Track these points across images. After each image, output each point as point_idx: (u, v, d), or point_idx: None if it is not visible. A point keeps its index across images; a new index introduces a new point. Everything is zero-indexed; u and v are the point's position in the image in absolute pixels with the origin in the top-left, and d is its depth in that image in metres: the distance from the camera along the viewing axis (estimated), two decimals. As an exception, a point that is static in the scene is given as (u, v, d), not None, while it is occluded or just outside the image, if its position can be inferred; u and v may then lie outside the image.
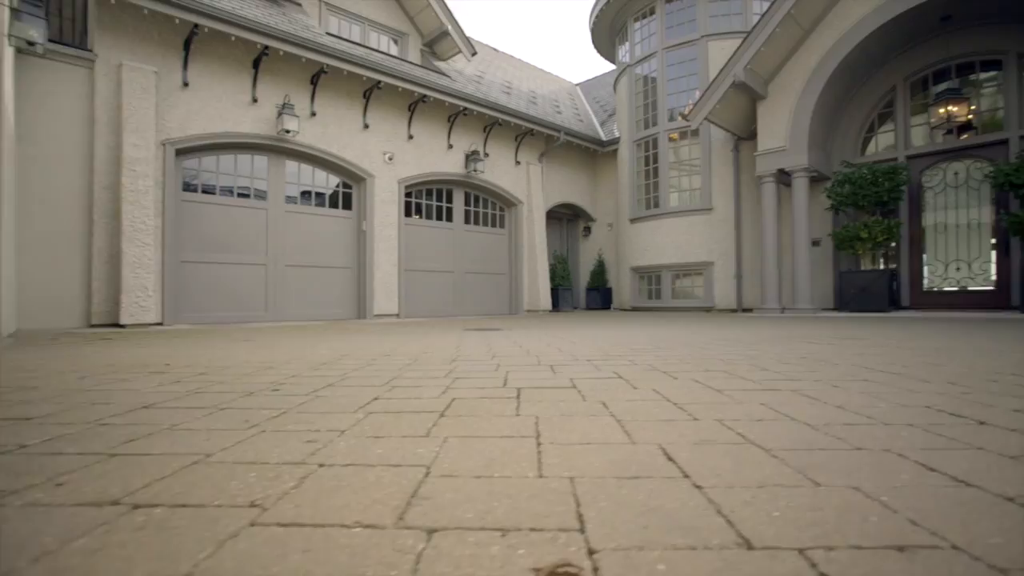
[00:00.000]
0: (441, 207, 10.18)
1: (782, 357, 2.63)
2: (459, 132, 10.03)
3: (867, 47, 8.01)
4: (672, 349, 3.14)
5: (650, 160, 10.96)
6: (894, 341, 3.50)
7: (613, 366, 2.38)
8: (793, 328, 5.11)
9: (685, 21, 10.42)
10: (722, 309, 9.95)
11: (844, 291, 8.42)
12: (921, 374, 2.03)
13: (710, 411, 1.39)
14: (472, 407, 1.50)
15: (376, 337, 4.67)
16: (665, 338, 4.02)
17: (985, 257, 8.02)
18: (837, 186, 8.24)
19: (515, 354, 2.98)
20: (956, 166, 8.26)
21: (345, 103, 8.58)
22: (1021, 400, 1.51)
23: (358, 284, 8.96)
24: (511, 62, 15.15)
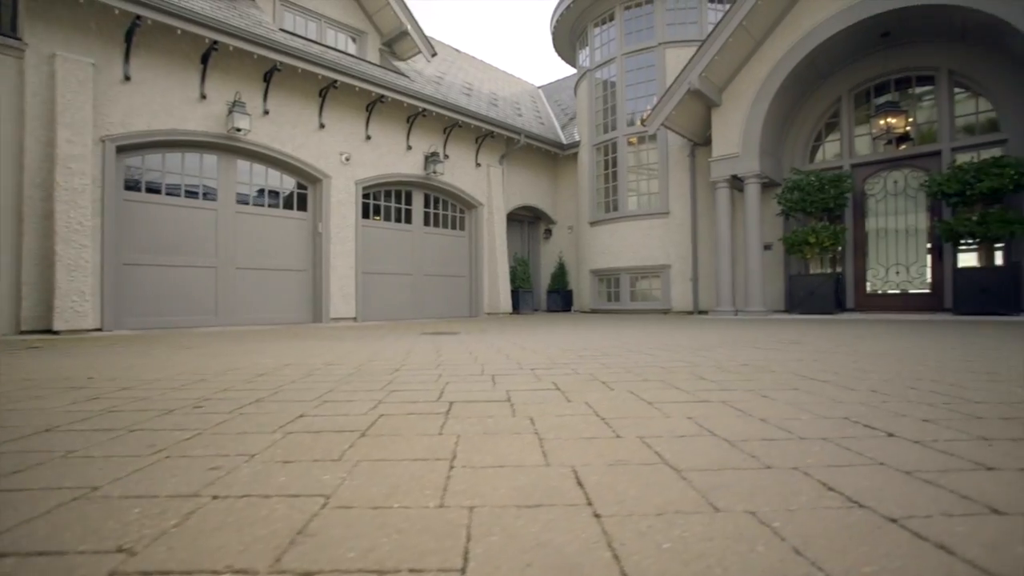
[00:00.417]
0: (400, 209, 10.05)
1: (723, 364, 2.68)
2: (418, 133, 9.92)
3: (814, 59, 8.31)
4: (619, 356, 3.16)
5: (609, 164, 11.10)
6: (832, 346, 3.62)
7: (554, 376, 2.37)
8: (742, 331, 5.24)
9: (643, 28, 10.60)
10: (679, 311, 10.15)
11: (794, 294, 8.71)
12: (849, 382, 2.09)
13: (635, 427, 1.39)
14: (397, 425, 1.46)
15: (327, 343, 4.55)
16: (615, 344, 4.06)
17: (922, 262, 8.42)
18: (787, 192, 8.52)
19: (461, 362, 2.95)
20: (895, 175, 8.66)
21: (300, 102, 8.36)
22: (932, 409, 1.56)
23: (314, 287, 8.75)
24: (473, 63, 15.09)
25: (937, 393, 1.82)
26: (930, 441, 1.22)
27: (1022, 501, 0.86)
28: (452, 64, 13.46)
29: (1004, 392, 1.83)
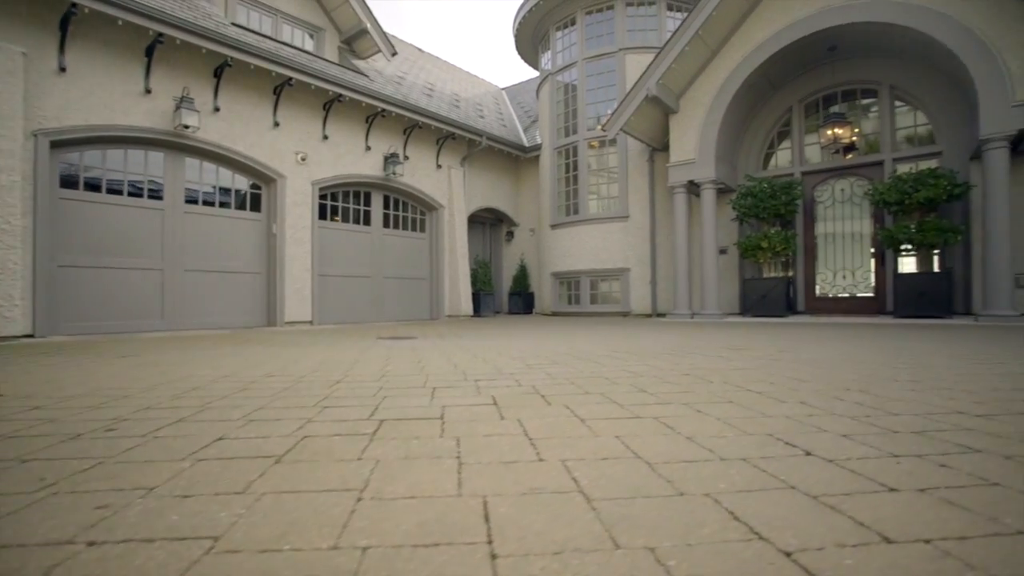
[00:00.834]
0: (359, 210, 9.86)
1: (666, 375, 2.70)
2: (378, 134, 9.76)
3: (767, 70, 8.56)
4: (566, 365, 3.16)
5: (570, 167, 11.18)
6: (776, 352, 3.71)
7: (496, 388, 2.34)
8: (694, 336, 5.34)
9: (604, 34, 10.71)
10: (638, 313, 10.29)
11: (748, 297, 8.95)
12: (782, 393, 2.13)
13: (561, 449, 1.38)
14: (317, 449, 1.40)
15: (275, 350, 4.41)
16: (566, 351, 4.06)
17: (867, 266, 8.78)
18: (741, 198, 8.75)
19: (407, 373, 2.89)
20: (842, 183, 9.00)
21: (253, 99, 8.11)
22: (853, 422, 1.60)
23: (268, 290, 8.50)
24: (436, 63, 14.97)
25: (861, 405, 1.87)
26: (843, 460, 1.24)
27: (912, 527, 0.88)
28: (414, 64, 13.32)
29: (921, 402, 1.90)
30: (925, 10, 6.91)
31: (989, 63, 6.49)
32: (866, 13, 7.33)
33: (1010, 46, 6.38)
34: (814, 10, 7.73)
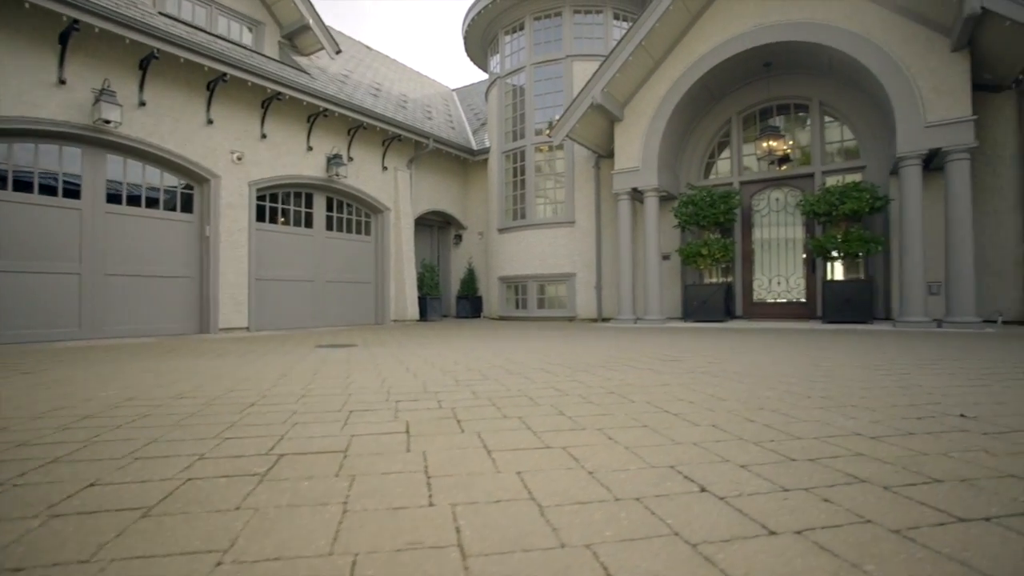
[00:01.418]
0: (300, 212, 9.54)
1: (591, 393, 2.71)
2: (320, 134, 9.47)
3: (707, 82, 8.82)
4: (496, 380, 3.12)
5: (518, 172, 11.19)
6: (705, 363, 3.80)
7: (415, 410, 2.27)
8: (632, 344, 5.42)
9: (552, 40, 10.78)
10: (584, 318, 10.41)
11: (688, 302, 9.20)
12: (699, 413, 2.16)
13: (456, 490, 1.33)
14: (197, 495, 1.30)
15: (200, 363, 4.17)
16: (500, 363, 4.03)
17: (799, 273, 9.19)
18: (682, 206, 8.98)
19: (330, 392, 2.77)
20: (777, 193, 9.39)
21: (184, 94, 7.70)
22: (757, 449, 1.63)
23: (200, 295, 8.09)
24: (384, 62, 14.70)
25: (769, 427, 1.92)
26: (734, 496, 1.25)
27: (780, 582, 0.87)
28: (361, 62, 13.02)
29: (826, 423, 1.96)
30: (849, 33, 7.29)
31: (904, 86, 6.91)
32: (795, 33, 7.66)
33: (922, 72, 6.81)
34: (749, 27, 8.02)
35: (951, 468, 1.45)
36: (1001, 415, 2.12)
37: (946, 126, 6.66)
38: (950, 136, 6.64)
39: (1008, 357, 3.95)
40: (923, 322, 6.85)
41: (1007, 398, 2.44)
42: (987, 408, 2.24)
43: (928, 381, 2.92)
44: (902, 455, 1.57)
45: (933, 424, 1.96)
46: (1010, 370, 3.32)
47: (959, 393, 2.56)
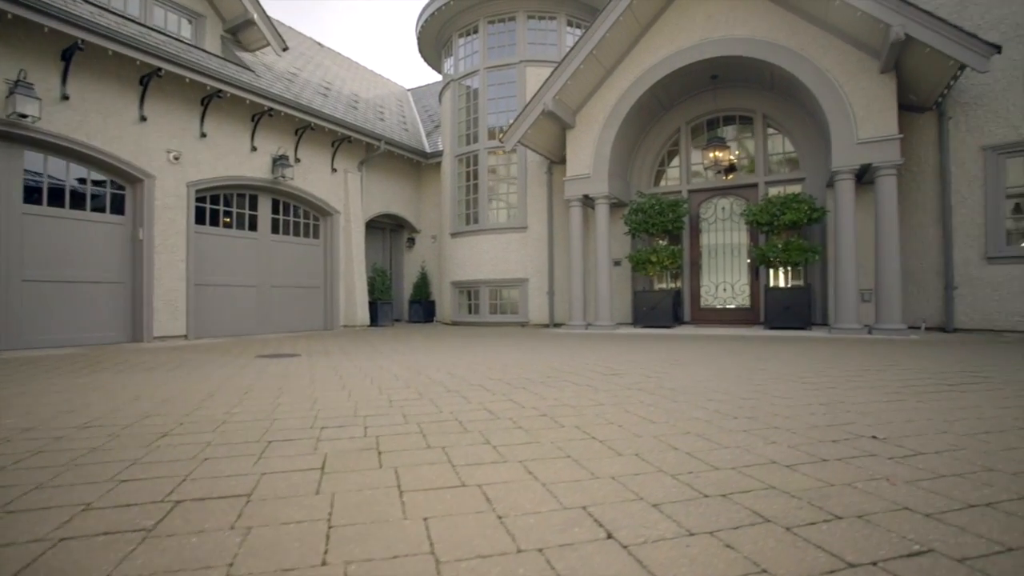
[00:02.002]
0: (244, 215, 9.18)
1: (523, 415, 2.68)
2: (265, 133, 9.14)
3: (656, 92, 8.99)
4: (431, 399, 3.06)
5: (471, 176, 11.13)
6: (644, 378, 3.84)
7: (338, 441, 2.19)
8: (577, 355, 5.44)
9: (506, 44, 10.76)
10: (536, 323, 10.44)
11: (638, 308, 9.35)
12: (625, 441, 2.16)
13: (356, 542, 1.26)
14: (58, 566, 1.19)
15: (124, 379, 3.92)
16: (442, 377, 3.96)
17: (744, 280, 9.48)
18: (632, 214, 9.12)
19: (255, 417, 2.64)
20: (723, 202, 9.66)
21: (114, 89, 7.27)
22: (674, 484, 1.63)
23: (133, 302, 7.67)
24: (336, 60, 14.34)
25: (691, 456, 1.93)
26: (638, 544, 1.23)
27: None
28: (311, 59, 12.66)
29: (746, 450, 1.99)
30: (789, 51, 7.57)
31: (839, 104, 7.23)
32: (739, 48, 7.90)
33: (854, 91, 7.14)
34: (696, 41, 8.22)
35: (853, 502, 1.48)
36: (908, 435, 2.21)
37: (876, 143, 7.00)
38: (879, 153, 6.99)
39: (926, 367, 4.16)
40: (855, 329, 7.17)
41: (917, 415, 2.55)
42: (897, 427, 2.33)
43: (850, 396, 3.03)
44: (811, 487, 1.60)
45: (847, 448, 2.02)
46: (925, 382, 3.49)
47: (876, 410, 2.67)
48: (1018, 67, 6.89)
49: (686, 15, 8.35)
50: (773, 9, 7.74)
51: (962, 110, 7.32)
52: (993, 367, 4.17)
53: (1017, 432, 2.24)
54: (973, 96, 7.21)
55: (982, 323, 7.17)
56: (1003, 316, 7.02)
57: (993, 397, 3.01)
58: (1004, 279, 7.00)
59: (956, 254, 7.37)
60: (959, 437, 2.18)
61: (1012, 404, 2.85)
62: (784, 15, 7.68)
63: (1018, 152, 6.98)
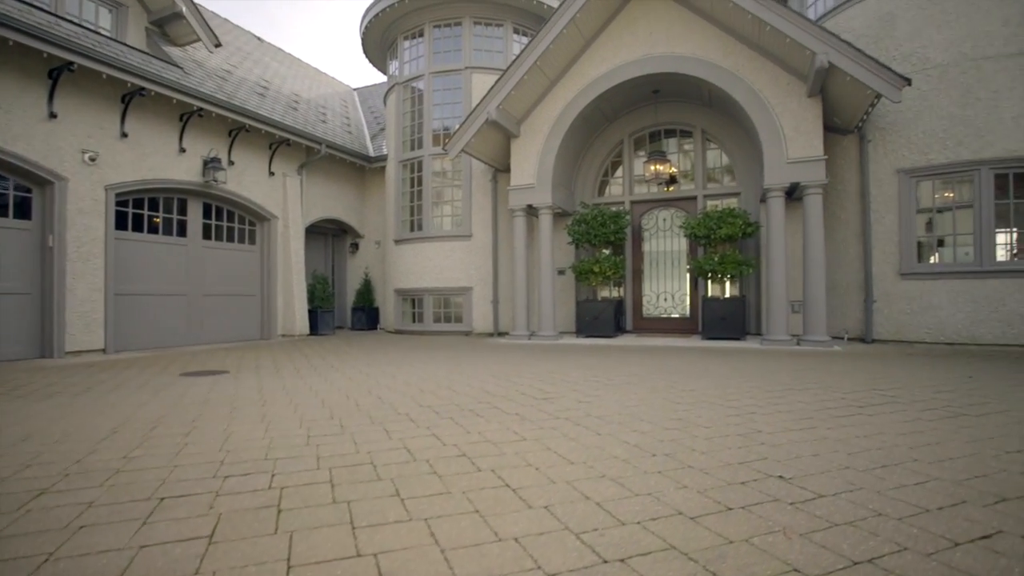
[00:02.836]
0: (172, 220, 8.67)
1: (440, 456, 2.62)
2: (196, 134, 8.67)
3: (600, 105, 9.10)
4: (354, 434, 2.94)
5: (415, 182, 10.95)
6: (575, 403, 3.84)
7: (239, 494, 2.05)
8: (515, 370, 5.40)
9: (452, 50, 10.64)
10: (480, 332, 10.38)
11: (581, 318, 9.44)
12: (539, 488, 2.13)
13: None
14: None
15: (15, 407, 3.59)
16: (371, 404, 3.84)
17: (684, 290, 9.74)
18: (575, 225, 9.21)
19: (157, 458, 2.46)
20: (664, 213, 9.89)
21: (18, 83, 6.71)
22: (575, 546, 1.60)
23: (42, 314, 7.11)
24: (276, 56, 13.79)
25: (600, 507, 1.91)
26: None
27: None
28: (248, 56, 12.12)
29: (657, 498, 1.99)
30: (725, 71, 7.82)
31: (771, 124, 7.52)
32: (679, 66, 8.10)
33: (784, 112, 7.46)
34: (638, 56, 8.37)
35: (744, 564, 1.50)
36: (812, 472, 2.29)
37: (804, 163, 7.33)
38: (807, 173, 7.32)
39: (842, 385, 4.36)
40: (785, 341, 7.48)
41: (824, 447, 2.65)
42: (805, 463, 2.41)
43: (768, 423, 3.13)
44: (710, 545, 1.61)
45: (753, 492, 2.06)
46: (838, 403, 3.65)
47: (789, 441, 2.75)
48: (927, 98, 7.38)
49: (629, 30, 8.49)
50: (711, 29, 7.98)
51: (880, 134, 7.77)
52: (900, 387, 4.42)
53: (910, 465, 2.35)
54: (889, 122, 7.66)
55: (896, 334, 7.64)
56: (913, 328, 7.50)
57: (895, 421, 3.18)
58: (915, 294, 7.49)
59: (875, 269, 7.82)
60: (858, 474, 2.27)
61: (910, 430, 3.01)
62: (721, 36, 7.92)
63: (927, 176, 7.48)
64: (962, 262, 7.37)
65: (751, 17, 7.10)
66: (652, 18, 8.34)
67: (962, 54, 7.21)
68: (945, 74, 7.31)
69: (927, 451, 2.61)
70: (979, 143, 7.10)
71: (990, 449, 2.66)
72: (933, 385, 4.49)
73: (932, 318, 7.38)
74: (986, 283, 7.10)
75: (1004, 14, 7.01)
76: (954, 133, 7.24)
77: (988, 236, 7.13)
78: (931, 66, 7.39)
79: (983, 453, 2.59)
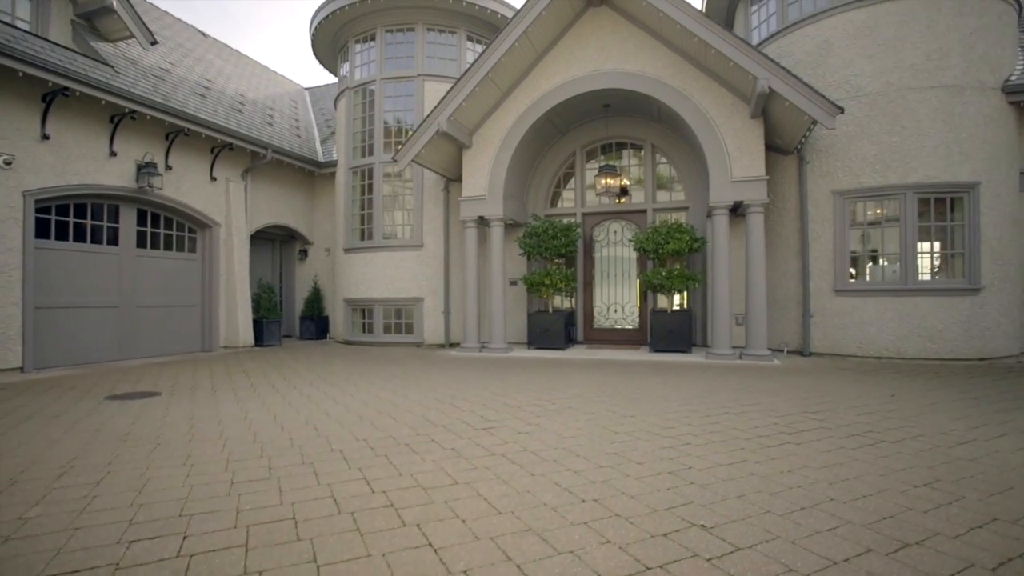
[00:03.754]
0: (102, 227, 8.18)
1: (367, 505, 2.55)
2: (129, 137, 8.21)
3: (552, 117, 9.14)
4: (285, 478, 2.82)
5: (366, 190, 10.72)
6: (515, 433, 3.83)
7: (143, 563, 1.93)
8: (461, 393, 5.34)
9: (404, 56, 10.46)
10: (432, 344, 10.26)
11: (532, 329, 9.46)
12: (461, 546, 2.09)
13: None
14: None
15: None
16: (307, 437, 3.71)
17: (634, 302, 9.90)
18: (526, 237, 9.22)
19: (61, 516, 2.28)
20: (615, 225, 10.03)
21: (-77, 81, 6.17)
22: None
23: (-49, 329, 6.56)
24: (221, 53, 13.23)
25: (522, 573, 1.89)
26: None
27: None
28: (190, 52, 11.57)
29: (574, 561, 1.98)
30: (674, 90, 7.98)
31: (716, 143, 7.73)
32: (629, 83, 8.22)
33: (729, 132, 7.68)
34: (589, 71, 8.44)
35: (654, 644, 1.50)
36: (734, 519, 2.33)
37: (747, 183, 7.57)
38: (750, 192, 7.56)
39: (776, 407, 4.50)
40: (728, 355, 7.70)
41: (749, 486, 2.71)
42: (728, 507, 2.46)
43: (700, 457, 3.18)
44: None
45: (673, 547, 2.08)
46: (770, 429, 3.76)
47: (716, 480, 2.80)
48: (859, 123, 7.75)
49: (580, 44, 8.55)
50: (661, 49, 8.12)
51: (817, 156, 8.11)
52: (829, 408, 4.61)
53: (826, 506, 2.43)
54: (826, 145, 8.01)
55: (831, 348, 7.99)
56: (846, 343, 7.87)
57: (820, 451, 3.29)
58: (848, 310, 7.85)
59: (812, 285, 8.16)
60: (777, 520, 2.34)
61: (832, 461, 3.13)
62: (670, 55, 8.08)
63: (860, 198, 7.86)
64: (890, 280, 7.78)
65: (697, 40, 7.27)
66: (604, 35, 8.43)
67: (890, 84, 7.60)
68: (875, 102, 7.68)
69: (844, 488, 2.72)
70: (905, 168, 7.51)
71: (900, 483, 2.80)
72: (859, 405, 4.71)
73: (863, 333, 7.76)
74: (910, 300, 7.51)
75: (926, 49, 7.44)
76: (883, 158, 7.63)
77: (912, 256, 7.55)
78: (863, 94, 7.76)
79: (893, 489, 2.72)
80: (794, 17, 8.47)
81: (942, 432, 3.84)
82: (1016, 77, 7.57)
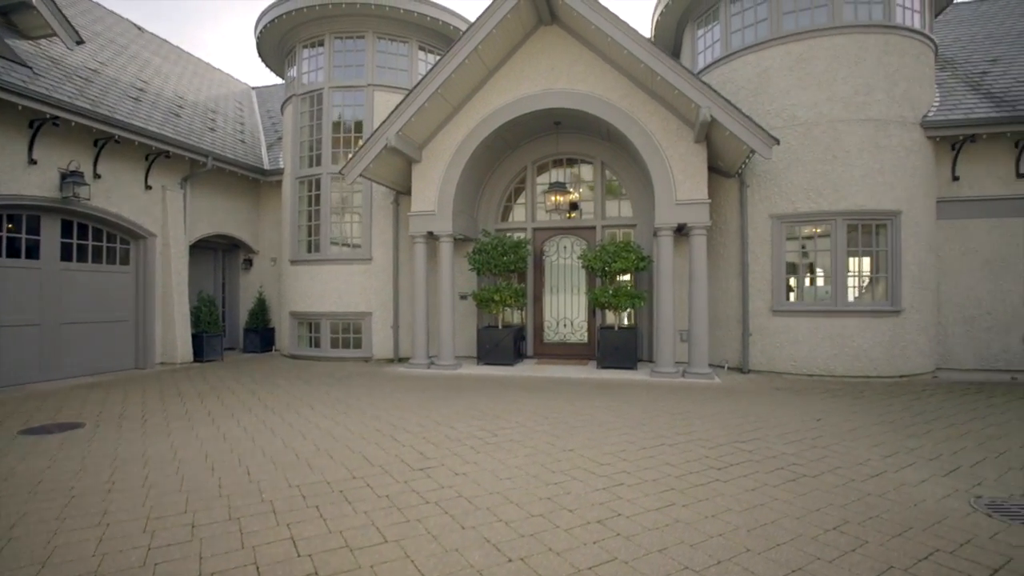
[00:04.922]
0: (19, 240, 7.66)
1: (281, 558, 2.49)
2: (51, 143, 7.72)
3: (502, 133, 9.15)
4: (204, 539, 2.72)
5: (313, 201, 10.45)
6: (451, 476, 3.82)
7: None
8: (402, 420, 5.28)
9: (354, 64, 10.25)
10: (380, 358, 10.11)
11: (482, 345, 9.47)
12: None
13: None
14: None
15: None
16: (237, 483, 3.58)
17: (583, 317, 10.05)
18: (475, 254, 9.21)
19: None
20: (565, 241, 10.15)
21: None
22: None
23: None
24: (159, 50, 12.58)
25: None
26: None
27: None
28: (123, 50, 10.97)
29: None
30: (622, 112, 8.13)
31: (662, 166, 7.93)
32: (578, 102, 8.33)
33: (674, 155, 7.89)
34: (539, 90, 8.50)
35: None
36: (653, 582, 2.40)
37: (690, 205, 7.80)
38: (693, 214, 7.79)
39: (711, 436, 4.64)
40: (671, 372, 7.93)
41: (672, 537, 2.78)
42: (650, 563, 2.53)
43: (630, 501, 3.25)
44: None
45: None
46: (700, 464, 3.87)
47: (642, 529, 2.87)
48: (794, 152, 8.10)
49: (531, 63, 8.60)
50: (609, 70, 8.26)
51: (757, 181, 8.43)
52: (759, 436, 4.81)
53: (741, 559, 2.52)
54: (764, 170, 8.34)
55: (768, 365, 8.35)
56: (782, 360, 8.23)
57: (744, 490, 3.43)
58: (783, 329, 8.22)
59: (751, 305, 8.48)
60: (693, 580, 2.42)
61: (754, 502, 3.27)
62: (618, 77, 8.22)
63: (795, 222, 8.23)
64: (821, 300, 8.18)
65: (644, 66, 7.43)
66: (555, 53, 8.50)
67: (822, 115, 7.98)
68: (810, 132, 8.06)
69: (761, 536, 2.84)
70: (835, 196, 7.91)
71: (813, 527, 2.95)
72: (788, 432, 4.94)
73: (797, 351, 8.14)
74: (838, 321, 7.93)
75: (855, 84, 7.85)
76: (816, 185, 8.01)
77: (841, 279, 7.96)
78: (799, 123, 8.12)
79: (806, 535, 2.87)
80: (736, 45, 8.77)
81: (858, 463, 4.08)
82: (933, 113, 8.09)
